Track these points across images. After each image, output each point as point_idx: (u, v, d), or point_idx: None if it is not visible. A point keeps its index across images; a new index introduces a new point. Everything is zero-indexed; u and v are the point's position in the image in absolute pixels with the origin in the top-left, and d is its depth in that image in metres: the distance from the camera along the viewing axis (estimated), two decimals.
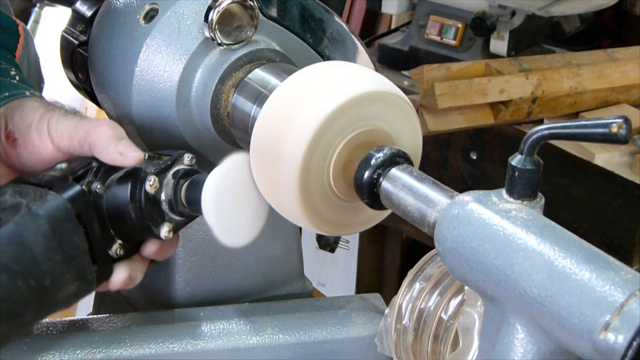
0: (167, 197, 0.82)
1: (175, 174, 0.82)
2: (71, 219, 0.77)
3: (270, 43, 0.94)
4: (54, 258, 0.75)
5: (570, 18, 2.01)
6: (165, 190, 0.81)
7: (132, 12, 0.94)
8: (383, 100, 0.78)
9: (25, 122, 0.85)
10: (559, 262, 0.61)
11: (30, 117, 0.85)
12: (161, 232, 0.82)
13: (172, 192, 0.82)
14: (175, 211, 0.82)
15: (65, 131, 0.83)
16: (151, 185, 0.80)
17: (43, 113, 0.85)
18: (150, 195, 0.81)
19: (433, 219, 0.70)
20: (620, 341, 0.57)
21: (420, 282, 0.91)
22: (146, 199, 0.80)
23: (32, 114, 0.85)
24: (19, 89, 0.88)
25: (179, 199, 0.82)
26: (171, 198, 0.82)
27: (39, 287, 0.74)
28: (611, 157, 1.67)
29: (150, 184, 0.80)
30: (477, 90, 1.70)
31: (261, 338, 0.96)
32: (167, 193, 0.82)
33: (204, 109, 0.92)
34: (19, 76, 0.91)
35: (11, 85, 0.88)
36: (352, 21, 2.55)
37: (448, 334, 0.88)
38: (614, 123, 0.62)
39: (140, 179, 0.81)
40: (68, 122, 0.83)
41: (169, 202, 0.82)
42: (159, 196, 0.81)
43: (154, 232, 0.81)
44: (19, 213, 0.74)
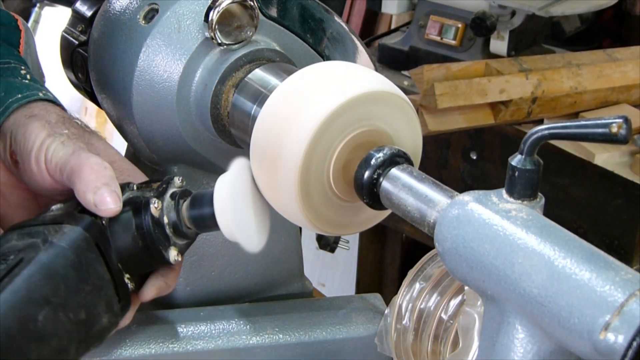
0: (170, 220, 0.79)
1: (173, 196, 0.80)
2: (92, 249, 0.74)
3: (270, 43, 0.94)
4: (85, 289, 0.73)
5: (570, 18, 2.01)
6: (167, 213, 0.79)
7: (132, 12, 0.94)
8: (383, 100, 0.78)
9: (26, 146, 0.81)
10: (559, 262, 0.61)
11: (31, 141, 0.81)
12: (170, 257, 0.79)
13: (175, 213, 0.79)
14: (180, 233, 0.80)
15: (58, 165, 0.80)
16: (156, 208, 0.78)
17: (44, 138, 0.81)
18: (156, 218, 0.78)
19: (433, 219, 0.70)
20: (620, 341, 0.57)
21: (420, 282, 0.91)
22: (153, 222, 0.78)
23: (34, 137, 0.81)
24: (32, 89, 0.85)
25: (182, 219, 0.79)
26: (175, 220, 0.79)
27: (77, 321, 0.71)
28: (611, 157, 1.67)
29: (155, 207, 0.78)
30: (477, 90, 1.70)
31: (261, 338, 0.96)
32: (170, 216, 0.79)
33: (204, 109, 0.92)
34: (30, 75, 0.88)
35: (23, 86, 0.85)
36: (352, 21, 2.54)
37: (448, 334, 0.88)
38: (614, 123, 0.62)
39: (143, 204, 0.78)
40: (62, 154, 0.80)
41: (172, 224, 0.79)
42: (162, 220, 0.79)
43: (164, 256, 0.79)
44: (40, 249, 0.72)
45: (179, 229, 0.79)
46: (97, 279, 0.74)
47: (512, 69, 1.74)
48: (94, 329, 0.73)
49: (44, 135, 0.81)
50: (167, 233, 0.79)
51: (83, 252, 0.73)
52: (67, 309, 0.71)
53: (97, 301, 0.74)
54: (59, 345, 0.70)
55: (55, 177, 0.80)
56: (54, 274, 0.71)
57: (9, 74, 0.86)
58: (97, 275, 0.74)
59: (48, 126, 0.82)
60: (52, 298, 0.70)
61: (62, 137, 0.81)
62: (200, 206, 0.79)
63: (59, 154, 0.80)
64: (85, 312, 0.72)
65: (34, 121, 0.82)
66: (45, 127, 0.82)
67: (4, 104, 0.83)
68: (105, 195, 0.76)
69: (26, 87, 0.85)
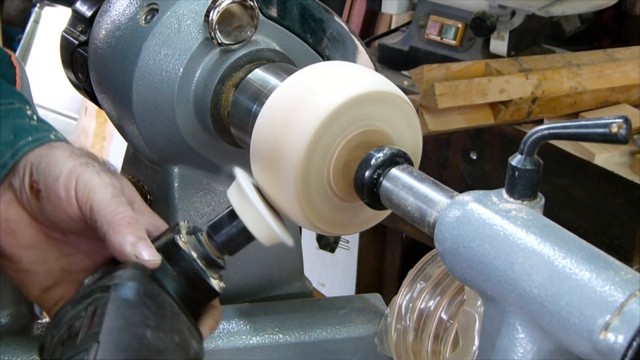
0: (199, 254, 0.78)
1: (190, 232, 0.79)
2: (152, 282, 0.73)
3: (270, 43, 0.94)
4: (167, 315, 0.71)
5: (570, 18, 2.02)
6: (193, 248, 0.78)
7: (132, 12, 0.94)
8: (383, 100, 0.78)
9: (51, 173, 0.79)
10: (559, 262, 0.61)
11: (58, 169, 0.79)
12: (214, 285, 0.78)
13: (200, 246, 0.78)
14: (211, 263, 0.78)
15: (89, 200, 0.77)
16: (183, 241, 0.77)
17: (73, 167, 0.79)
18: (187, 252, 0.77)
19: (433, 219, 0.70)
20: (620, 341, 0.57)
21: (420, 282, 0.91)
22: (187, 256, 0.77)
23: (61, 164, 0.79)
24: (41, 131, 0.82)
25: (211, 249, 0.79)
26: (203, 251, 0.78)
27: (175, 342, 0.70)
28: (611, 157, 1.67)
29: (183, 240, 0.77)
30: (477, 90, 1.70)
31: (261, 338, 0.96)
32: (197, 250, 0.78)
33: (204, 109, 0.92)
34: (37, 116, 0.85)
35: (32, 129, 0.82)
36: (352, 21, 2.54)
37: (448, 334, 0.88)
38: (614, 123, 0.62)
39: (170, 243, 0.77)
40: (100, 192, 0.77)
41: (203, 256, 0.78)
42: (192, 255, 0.77)
43: (209, 285, 0.77)
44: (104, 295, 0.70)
45: (210, 259, 0.78)
46: (170, 307, 0.73)
47: (512, 69, 1.74)
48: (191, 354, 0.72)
49: (73, 163, 0.79)
50: (201, 266, 0.78)
51: (147, 285, 0.73)
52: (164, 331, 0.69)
53: (182, 326, 0.72)
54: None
55: (83, 208, 0.78)
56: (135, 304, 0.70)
57: (15, 115, 0.84)
58: (169, 304, 0.73)
59: (75, 156, 0.80)
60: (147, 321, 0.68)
61: (95, 167, 0.80)
62: (224, 228, 0.78)
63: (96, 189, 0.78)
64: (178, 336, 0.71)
65: (58, 151, 0.81)
66: (71, 156, 0.80)
67: (14, 147, 0.81)
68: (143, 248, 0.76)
69: (35, 129, 0.83)
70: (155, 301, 0.72)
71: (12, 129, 0.82)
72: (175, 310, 0.74)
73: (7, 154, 0.80)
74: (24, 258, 0.81)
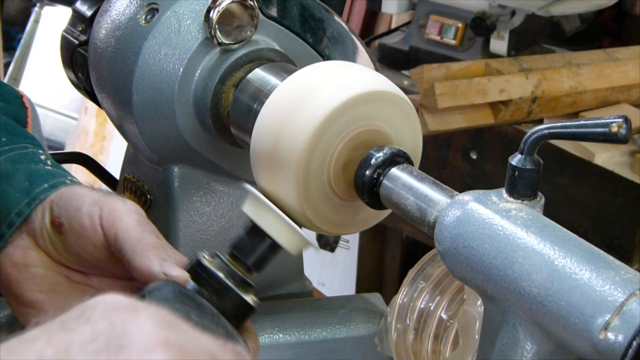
0: (224, 273, 0.76)
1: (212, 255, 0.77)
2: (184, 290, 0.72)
3: (270, 43, 0.94)
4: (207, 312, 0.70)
5: (570, 18, 2.02)
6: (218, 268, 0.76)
7: (132, 12, 0.94)
8: (383, 100, 0.78)
9: (74, 205, 0.78)
10: (559, 262, 0.61)
11: (80, 199, 0.78)
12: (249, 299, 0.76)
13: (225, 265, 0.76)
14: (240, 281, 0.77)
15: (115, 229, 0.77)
16: (207, 259, 0.76)
17: (97, 197, 0.78)
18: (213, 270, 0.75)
19: (433, 219, 0.70)
20: (620, 341, 0.57)
21: (420, 282, 0.91)
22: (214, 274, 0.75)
23: (82, 197, 0.79)
24: (57, 177, 0.82)
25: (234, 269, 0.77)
26: (229, 270, 0.76)
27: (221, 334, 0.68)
28: (611, 156, 1.67)
29: (206, 258, 0.76)
30: (477, 90, 1.70)
31: (261, 338, 0.96)
32: (222, 270, 0.76)
33: (204, 108, 0.92)
34: (51, 161, 0.85)
35: (48, 174, 0.82)
36: (352, 21, 2.55)
37: (448, 333, 0.88)
38: (614, 123, 0.62)
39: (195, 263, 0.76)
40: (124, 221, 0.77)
41: (230, 274, 0.76)
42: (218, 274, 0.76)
43: (242, 298, 0.76)
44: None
45: (238, 276, 0.77)
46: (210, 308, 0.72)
47: (512, 69, 1.74)
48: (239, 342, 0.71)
49: (95, 194, 0.79)
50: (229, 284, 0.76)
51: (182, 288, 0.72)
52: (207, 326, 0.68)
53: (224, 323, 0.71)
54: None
55: (108, 234, 0.77)
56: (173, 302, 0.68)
57: (29, 160, 0.83)
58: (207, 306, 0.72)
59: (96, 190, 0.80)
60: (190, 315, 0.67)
61: (119, 197, 0.79)
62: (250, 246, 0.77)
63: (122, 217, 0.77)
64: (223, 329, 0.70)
65: (78, 188, 0.80)
66: (93, 190, 0.80)
67: (30, 195, 0.80)
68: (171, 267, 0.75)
69: (51, 175, 0.82)
70: (194, 300, 0.70)
71: (27, 175, 0.81)
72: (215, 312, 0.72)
73: (23, 202, 0.80)
74: (47, 303, 0.80)
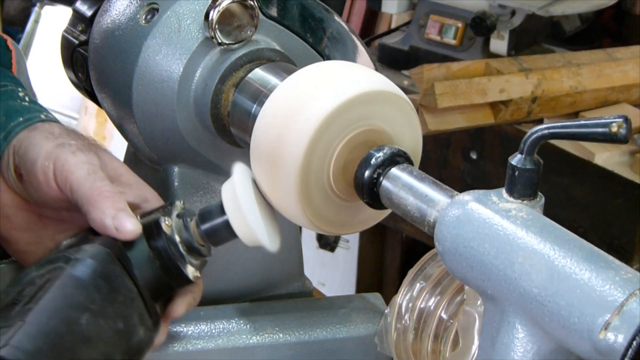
0: (182, 238, 0.78)
1: (179, 216, 0.79)
2: (115, 262, 0.73)
3: (271, 42, 0.94)
4: (118, 299, 0.72)
5: (570, 17, 2.02)
6: (178, 232, 0.78)
7: (132, 12, 0.94)
8: (383, 100, 0.78)
9: (30, 157, 0.79)
10: (559, 262, 0.61)
11: (36, 152, 0.79)
12: (189, 273, 0.78)
13: (185, 231, 0.78)
14: (193, 251, 0.79)
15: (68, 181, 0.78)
16: (167, 225, 0.77)
17: (51, 150, 0.79)
18: (168, 235, 0.77)
19: (433, 219, 0.70)
20: (620, 341, 0.57)
21: (420, 281, 0.91)
22: (167, 239, 0.77)
23: (38, 148, 0.79)
24: (33, 112, 0.83)
25: (195, 237, 0.79)
26: (187, 237, 0.78)
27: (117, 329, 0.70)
28: (611, 156, 1.67)
29: (167, 224, 0.77)
30: (477, 90, 1.70)
31: (261, 338, 0.96)
32: (181, 234, 0.78)
33: (204, 108, 0.92)
34: (29, 97, 0.86)
35: (23, 109, 0.83)
36: (352, 21, 2.55)
37: (448, 333, 0.88)
38: (614, 122, 0.62)
39: (154, 224, 0.77)
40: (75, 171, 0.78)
41: (185, 242, 0.78)
42: (174, 238, 0.78)
43: (183, 273, 0.78)
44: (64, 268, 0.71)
45: (193, 246, 0.79)
46: (127, 290, 0.73)
47: (512, 69, 1.74)
48: (133, 341, 0.72)
49: (50, 145, 0.80)
50: (182, 251, 0.78)
51: (108, 265, 0.72)
52: (105, 316, 0.69)
53: (131, 312, 0.72)
54: (105, 350, 0.69)
55: (63, 190, 0.78)
56: (85, 284, 0.70)
57: (7, 97, 0.85)
58: (125, 287, 0.73)
59: (52, 137, 0.81)
60: (89, 305, 0.69)
61: (72, 147, 0.80)
62: (211, 219, 0.78)
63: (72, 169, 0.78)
64: (122, 322, 0.71)
65: (37, 134, 0.81)
66: (49, 137, 0.81)
67: (6, 129, 0.82)
68: (124, 219, 0.76)
69: (27, 110, 0.84)
70: (109, 284, 0.72)
71: (4, 111, 0.83)
72: (131, 295, 0.73)
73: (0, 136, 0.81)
74: (21, 240, 0.83)
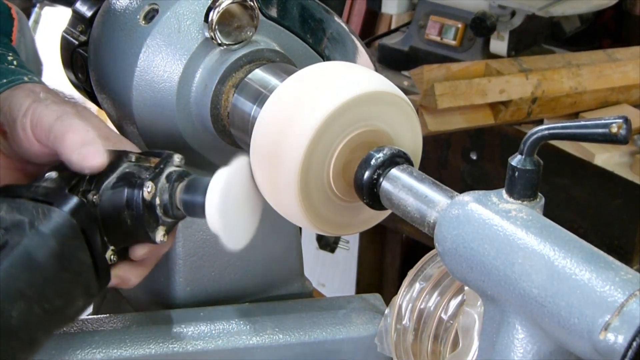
0: (162, 202, 0.80)
1: (168, 178, 0.81)
2: (77, 235, 0.74)
3: (270, 43, 0.94)
4: (64, 277, 0.73)
5: (570, 18, 2.02)
6: (160, 195, 0.80)
7: (132, 12, 0.94)
8: (383, 100, 0.78)
9: (11, 115, 0.82)
10: (559, 262, 0.61)
11: (16, 110, 0.82)
12: (157, 237, 0.81)
13: (168, 196, 0.80)
14: (169, 215, 0.81)
15: (43, 129, 0.80)
16: (149, 192, 0.79)
17: (29, 105, 0.82)
18: (147, 202, 0.79)
19: (433, 219, 0.70)
20: (620, 341, 0.57)
21: (420, 282, 0.91)
22: (144, 205, 0.79)
23: (18, 106, 0.82)
24: (17, 74, 0.86)
25: (174, 202, 0.81)
26: (167, 203, 0.80)
27: (51, 309, 0.71)
28: (611, 157, 1.67)
29: (148, 191, 0.79)
30: (477, 91, 1.70)
31: (261, 338, 0.96)
32: (162, 198, 0.80)
33: (204, 109, 0.92)
34: (17, 61, 0.88)
35: (8, 72, 0.86)
36: (352, 21, 2.54)
37: (448, 334, 0.88)
38: (614, 123, 0.62)
39: (137, 185, 0.79)
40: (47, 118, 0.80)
41: (163, 206, 0.80)
42: (154, 201, 0.80)
43: (150, 237, 0.80)
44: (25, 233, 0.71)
45: (169, 212, 0.80)
46: (78, 265, 0.74)
47: (512, 69, 1.74)
48: (67, 313, 0.74)
49: (28, 102, 0.82)
50: (157, 214, 0.80)
51: (67, 241, 0.73)
52: (43, 299, 0.71)
53: (75, 287, 0.74)
54: (28, 337, 0.70)
55: (42, 141, 0.81)
56: (34, 266, 0.70)
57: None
58: (78, 262, 0.74)
59: (32, 94, 0.83)
60: (28, 291, 0.69)
61: (47, 101, 0.82)
62: (194, 193, 0.79)
63: (44, 119, 0.80)
64: (61, 300, 0.72)
65: (19, 92, 0.83)
66: (29, 95, 0.83)
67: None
68: (88, 152, 0.77)
69: (11, 73, 0.86)
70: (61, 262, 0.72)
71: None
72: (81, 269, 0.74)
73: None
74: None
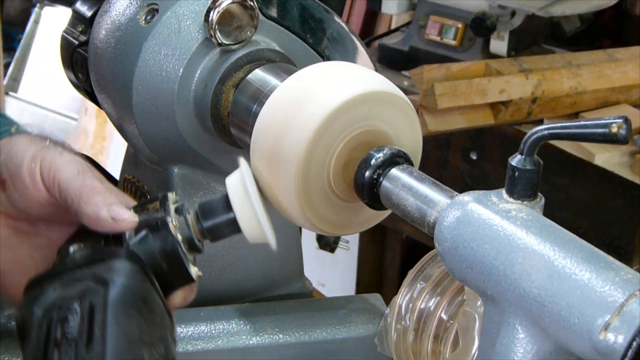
0: (184, 237, 0.76)
1: (178, 212, 0.77)
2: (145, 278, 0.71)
3: (270, 43, 0.94)
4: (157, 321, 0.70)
5: (570, 18, 2.02)
6: (180, 230, 0.76)
7: (132, 13, 0.94)
8: (383, 100, 0.78)
9: (14, 161, 0.78)
10: (559, 262, 0.61)
11: (20, 155, 0.78)
12: (193, 273, 0.76)
13: (187, 228, 0.76)
14: (193, 248, 0.77)
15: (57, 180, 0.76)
16: (175, 226, 0.75)
17: (35, 152, 0.78)
18: (174, 238, 0.75)
19: (433, 219, 0.70)
20: (620, 341, 0.57)
21: (420, 282, 0.91)
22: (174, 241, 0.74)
23: (22, 152, 0.78)
24: (3, 126, 0.82)
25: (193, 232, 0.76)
26: (189, 235, 0.76)
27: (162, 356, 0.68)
28: (611, 157, 1.67)
29: (174, 225, 0.75)
30: (477, 91, 1.70)
31: (261, 338, 0.96)
32: (183, 232, 0.76)
33: (204, 109, 0.92)
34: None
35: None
36: (352, 21, 2.55)
37: (448, 334, 0.88)
38: (613, 123, 0.62)
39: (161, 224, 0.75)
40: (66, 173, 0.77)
41: (187, 240, 0.76)
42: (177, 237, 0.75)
43: (188, 273, 0.75)
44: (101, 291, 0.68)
45: (194, 244, 0.77)
46: (159, 308, 0.71)
47: (512, 69, 1.74)
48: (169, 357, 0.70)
49: (35, 148, 0.79)
50: (184, 250, 0.76)
51: (142, 284, 0.70)
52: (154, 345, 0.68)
53: (166, 331, 0.71)
54: None
55: (51, 189, 0.77)
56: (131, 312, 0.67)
57: None
58: (158, 305, 0.71)
59: (35, 141, 0.80)
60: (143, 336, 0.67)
61: (58, 148, 0.79)
62: (214, 215, 0.77)
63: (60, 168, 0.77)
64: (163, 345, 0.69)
65: (18, 140, 0.80)
66: (32, 141, 0.80)
67: None
68: (119, 210, 0.75)
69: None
70: (147, 304, 0.70)
71: None
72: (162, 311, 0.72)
73: None
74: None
